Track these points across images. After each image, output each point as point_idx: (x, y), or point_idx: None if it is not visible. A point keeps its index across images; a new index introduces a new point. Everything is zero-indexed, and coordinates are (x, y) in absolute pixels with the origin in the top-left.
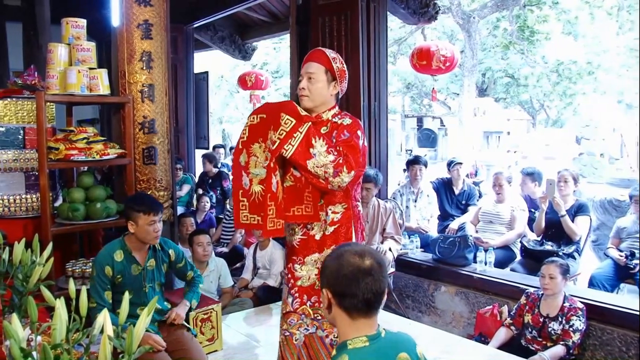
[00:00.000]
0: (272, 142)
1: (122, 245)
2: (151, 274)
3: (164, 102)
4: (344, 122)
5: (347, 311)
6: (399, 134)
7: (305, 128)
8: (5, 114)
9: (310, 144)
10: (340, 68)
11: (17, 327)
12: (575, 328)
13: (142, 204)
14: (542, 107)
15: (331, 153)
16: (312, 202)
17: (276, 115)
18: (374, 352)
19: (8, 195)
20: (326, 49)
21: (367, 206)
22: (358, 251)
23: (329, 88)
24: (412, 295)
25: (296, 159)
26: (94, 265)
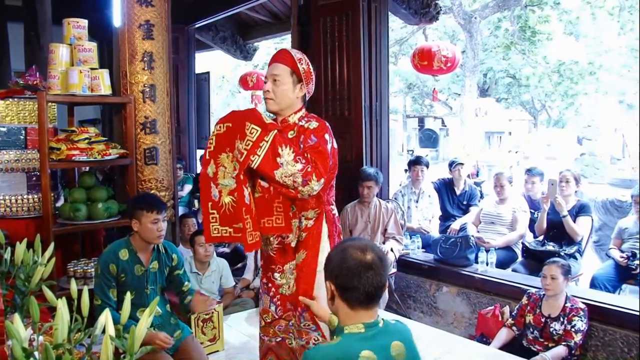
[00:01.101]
0: (239, 153)
1: (128, 245)
2: (153, 276)
3: (165, 102)
4: (311, 125)
5: (348, 303)
6: (401, 135)
7: (270, 137)
8: (7, 114)
9: (277, 153)
10: (306, 69)
11: (19, 327)
12: (577, 329)
13: (146, 202)
14: (544, 108)
15: (299, 161)
16: (282, 212)
17: (242, 124)
18: (368, 338)
19: (10, 196)
20: (292, 49)
21: (369, 206)
22: (361, 246)
23: (294, 90)
24: (414, 295)
25: (263, 169)
26: (98, 263)
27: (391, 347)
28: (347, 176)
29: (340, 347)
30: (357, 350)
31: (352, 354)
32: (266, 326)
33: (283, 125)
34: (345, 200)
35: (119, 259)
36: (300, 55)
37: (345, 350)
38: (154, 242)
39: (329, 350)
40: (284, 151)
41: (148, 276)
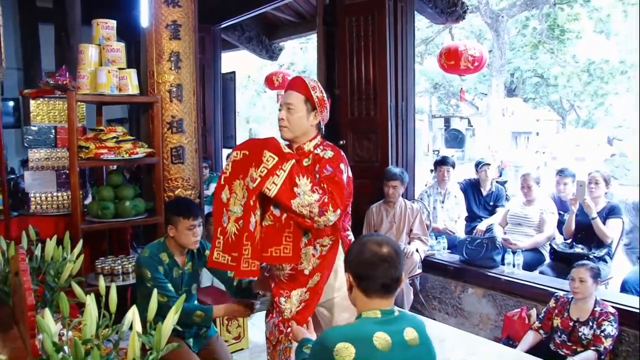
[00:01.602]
0: (252, 180)
1: (166, 248)
2: (188, 277)
3: (191, 101)
4: (326, 155)
5: (364, 292)
6: (426, 135)
7: (288, 166)
8: (37, 113)
9: (294, 183)
10: (320, 97)
11: (49, 321)
12: (607, 333)
13: (182, 209)
14: (572, 108)
15: (316, 192)
16: (291, 242)
17: (259, 152)
18: (383, 322)
19: (40, 193)
20: (306, 77)
21: (394, 206)
22: (378, 240)
23: (308, 118)
24: (439, 296)
25: (280, 198)
26: (145, 269)
27: (404, 332)
28: (373, 176)
29: (356, 327)
30: (371, 332)
31: (366, 334)
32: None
33: (298, 153)
34: (371, 200)
35: (162, 262)
36: (314, 83)
37: (360, 330)
38: (190, 247)
39: (344, 329)
40: (301, 181)
41: (183, 278)
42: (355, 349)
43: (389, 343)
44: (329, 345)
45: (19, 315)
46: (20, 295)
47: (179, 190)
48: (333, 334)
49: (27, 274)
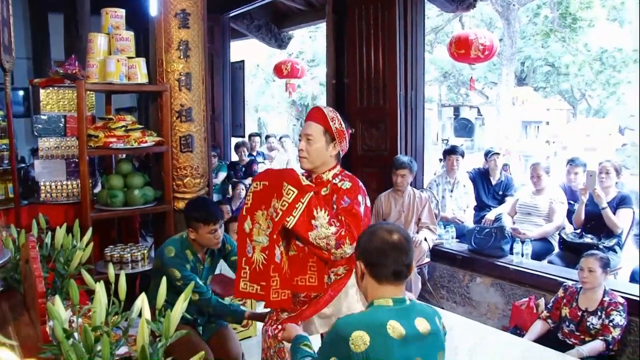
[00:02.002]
0: (275, 212)
1: (189, 245)
2: (207, 271)
3: (200, 90)
4: (344, 185)
5: (376, 279)
6: (436, 124)
7: (307, 199)
8: (47, 102)
9: (312, 216)
10: (339, 128)
11: (59, 308)
12: (615, 323)
13: (202, 214)
14: (584, 97)
15: (333, 224)
16: (316, 272)
17: (278, 183)
18: (395, 311)
19: (50, 182)
20: (325, 107)
21: (403, 195)
22: (388, 228)
23: (327, 149)
24: (447, 285)
25: (298, 230)
26: (172, 269)
27: (416, 322)
28: (382, 165)
29: (369, 315)
30: (384, 320)
31: (380, 323)
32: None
33: (316, 182)
34: (380, 189)
35: (188, 259)
36: (333, 114)
37: (373, 319)
38: (212, 248)
39: (358, 318)
40: (319, 214)
41: (203, 273)
42: (370, 337)
43: (401, 332)
44: (344, 334)
45: (30, 302)
46: (31, 283)
47: (188, 179)
48: (348, 322)
49: (38, 261)
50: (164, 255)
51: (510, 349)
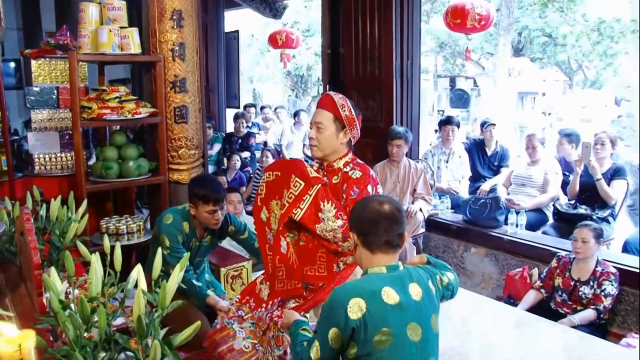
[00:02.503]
0: (281, 205)
1: (188, 218)
2: (204, 248)
3: (194, 61)
4: (354, 174)
5: (369, 248)
6: (431, 95)
7: (314, 191)
8: (39, 74)
9: (319, 208)
10: (348, 116)
11: (55, 280)
12: (607, 293)
13: (203, 192)
14: (580, 68)
15: (340, 217)
16: (325, 262)
17: (289, 174)
18: (389, 278)
19: (44, 154)
20: (336, 94)
21: (398, 165)
22: (379, 199)
23: (338, 137)
24: (442, 255)
25: (305, 222)
26: (164, 235)
27: (409, 288)
28: (377, 136)
29: (364, 283)
30: (379, 287)
31: (375, 289)
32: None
33: (328, 170)
34: (375, 159)
35: (183, 231)
36: (342, 102)
37: (368, 286)
38: (211, 227)
39: (354, 285)
40: (325, 207)
41: (199, 249)
42: (366, 303)
43: (396, 299)
44: (341, 302)
45: (26, 274)
46: (27, 255)
47: (183, 150)
48: (343, 291)
49: (33, 233)
50: (161, 221)
51: (504, 318)
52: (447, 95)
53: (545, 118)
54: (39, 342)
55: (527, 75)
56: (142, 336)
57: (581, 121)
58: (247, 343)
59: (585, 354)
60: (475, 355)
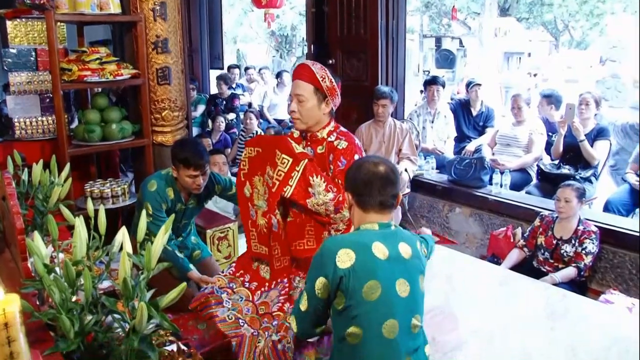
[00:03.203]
0: (271, 180)
1: (172, 183)
2: (190, 211)
3: (176, 20)
4: (340, 145)
5: (363, 208)
6: (417, 55)
7: (302, 166)
8: (15, 35)
9: (309, 183)
10: (329, 86)
11: (39, 244)
12: (587, 251)
13: (184, 156)
14: (567, 28)
15: (330, 190)
16: (314, 235)
17: (272, 151)
18: (380, 234)
19: (24, 118)
20: (314, 64)
21: (383, 125)
22: (374, 160)
23: (320, 107)
24: (427, 215)
25: (295, 198)
26: (147, 202)
27: (399, 246)
28: (362, 95)
29: (355, 236)
30: (370, 241)
31: (366, 243)
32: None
33: (312, 140)
34: (360, 120)
35: (167, 198)
36: (322, 72)
37: (359, 239)
38: (191, 192)
39: (344, 237)
40: (315, 181)
41: (185, 212)
42: (356, 254)
43: (385, 253)
44: (330, 252)
45: (9, 239)
46: (10, 220)
47: (166, 112)
48: (334, 242)
49: (15, 198)
50: (145, 187)
51: (487, 276)
52: (432, 56)
53: (530, 78)
54: (24, 306)
55: (513, 36)
56: (129, 298)
57: (566, 82)
58: (230, 314)
59: (566, 310)
60: (459, 312)
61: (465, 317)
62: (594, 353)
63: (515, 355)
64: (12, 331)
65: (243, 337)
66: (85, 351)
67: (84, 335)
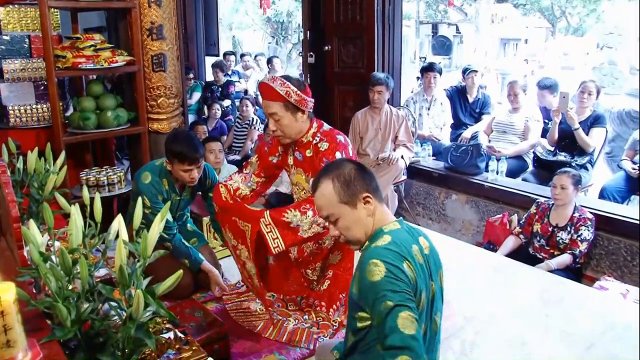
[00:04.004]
0: (248, 246)
1: (167, 174)
2: (184, 202)
3: (171, 7)
4: (322, 146)
5: (378, 199)
6: (413, 41)
7: (269, 219)
8: (8, 21)
9: (285, 223)
10: (297, 98)
11: (35, 232)
12: (583, 238)
13: (178, 150)
14: (563, 14)
15: (306, 210)
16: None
17: (229, 218)
18: (405, 232)
19: (19, 106)
20: (274, 81)
21: (380, 112)
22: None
23: (297, 119)
24: (423, 202)
25: (291, 243)
26: (144, 195)
27: (420, 242)
28: (358, 82)
29: (395, 244)
30: (409, 245)
31: (407, 249)
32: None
33: (299, 146)
34: (356, 106)
35: (162, 188)
36: (284, 88)
37: (401, 247)
38: (186, 184)
39: (392, 248)
40: (288, 216)
41: (180, 204)
42: (414, 266)
43: (420, 258)
44: (398, 264)
45: (5, 227)
46: (5, 208)
47: (162, 99)
48: (390, 256)
49: (10, 186)
50: (139, 179)
51: (483, 263)
52: (429, 42)
53: (527, 65)
54: (20, 295)
55: (509, 22)
56: (125, 286)
57: (563, 68)
58: (260, 306)
59: (561, 296)
60: (454, 299)
61: (461, 303)
62: (588, 339)
63: (510, 341)
64: (8, 319)
65: (271, 320)
66: (82, 339)
67: (81, 323)
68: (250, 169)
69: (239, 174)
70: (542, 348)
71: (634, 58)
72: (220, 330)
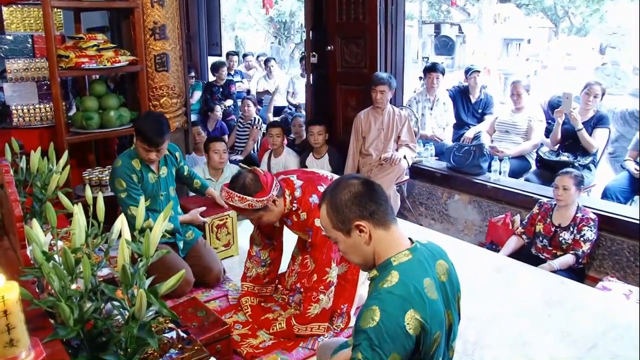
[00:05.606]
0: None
1: (137, 155)
2: (164, 181)
3: (174, 6)
4: (302, 217)
5: (383, 225)
6: (416, 41)
7: (299, 327)
8: (11, 21)
9: (315, 317)
10: (261, 206)
11: (38, 231)
12: (586, 238)
13: (142, 129)
14: (566, 14)
15: (318, 294)
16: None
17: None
18: (417, 262)
19: (22, 106)
20: (231, 198)
21: (382, 112)
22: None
23: (272, 210)
24: (426, 202)
25: (328, 318)
26: (119, 179)
27: (436, 267)
28: (361, 82)
29: (403, 285)
30: (420, 281)
31: (418, 290)
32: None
33: (286, 217)
34: (359, 106)
35: (134, 168)
36: (243, 203)
37: (408, 287)
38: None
39: (399, 296)
40: (312, 310)
41: (160, 182)
42: (420, 312)
43: (435, 294)
44: (398, 323)
45: (8, 227)
46: (8, 207)
47: (164, 99)
48: (392, 307)
49: (13, 185)
50: (113, 167)
51: (486, 263)
52: (432, 42)
53: (530, 65)
54: (23, 294)
55: (512, 22)
56: (128, 286)
57: (565, 69)
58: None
59: (563, 297)
60: None
61: (463, 303)
62: (590, 339)
63: (512, 341)
64: (11, 318)
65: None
66: (84, 338)
67: (84, 322)
68: (255, 247)
69: (249, 261)
70: (544, 348)
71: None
72: (223, 330)
